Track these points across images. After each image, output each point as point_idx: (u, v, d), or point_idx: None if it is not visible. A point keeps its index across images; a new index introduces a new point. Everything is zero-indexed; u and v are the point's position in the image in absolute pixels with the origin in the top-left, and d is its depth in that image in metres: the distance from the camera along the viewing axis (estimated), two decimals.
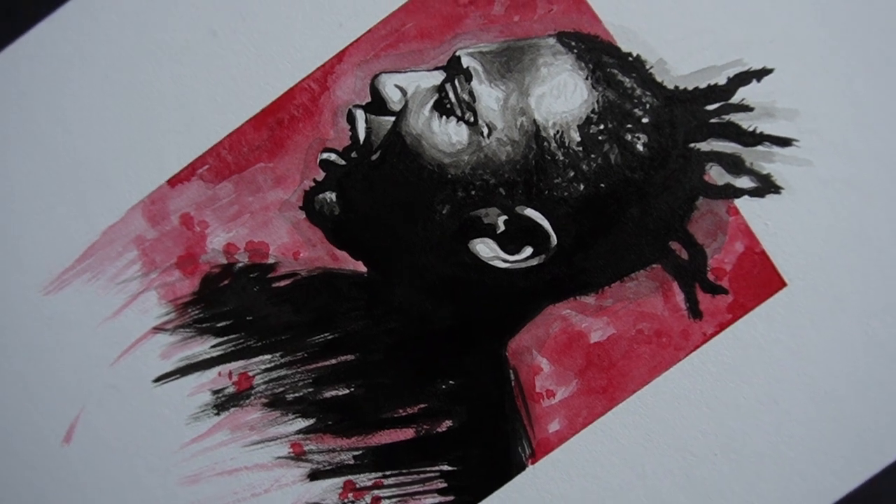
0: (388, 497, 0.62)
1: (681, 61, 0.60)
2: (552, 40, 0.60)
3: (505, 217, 0.59)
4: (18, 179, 0.62)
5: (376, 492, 0.62)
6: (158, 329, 0.62)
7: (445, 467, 0.62)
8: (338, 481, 0.62)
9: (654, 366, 0.61)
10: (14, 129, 0.62)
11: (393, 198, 0.60)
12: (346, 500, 0.62)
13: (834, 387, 0.61)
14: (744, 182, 0.60)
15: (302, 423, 0.62)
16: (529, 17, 0.61)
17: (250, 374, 0.62)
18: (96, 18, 0.61)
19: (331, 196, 0.61)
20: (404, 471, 0.62)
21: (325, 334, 0.62)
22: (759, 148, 0.60)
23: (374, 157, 0.60)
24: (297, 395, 0.62)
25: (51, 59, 0.61)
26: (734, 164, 0.61)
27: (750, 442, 0.61)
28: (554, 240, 0.59)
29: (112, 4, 0.61)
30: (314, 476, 0.62)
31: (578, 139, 0.58)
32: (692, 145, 0.60)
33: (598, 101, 0.58)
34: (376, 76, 0.60)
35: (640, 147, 0.59)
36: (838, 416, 0.61)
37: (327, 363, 0.62)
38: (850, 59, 0.60)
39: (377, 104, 0.60)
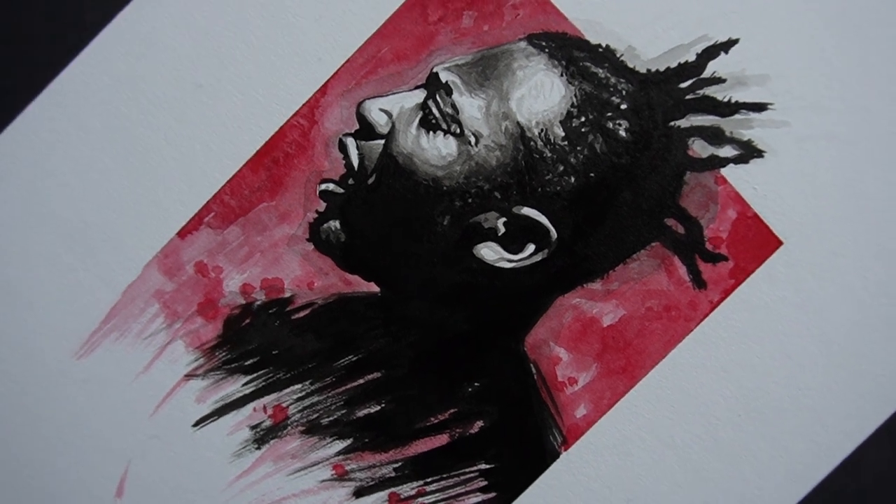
0: (434, 502, 0.64)
1: (649, 45, 0.63)
2: (523, 43, 0.62)
3: (504, 219, 0.61)
4: (34, 253, 0.64)
5: (421, 499, 0.64)
6: (190, 376, 0.65)
7: (483, 466, 0.64)
8: (382, 495, 0.64)
9: (668, 339, 0.63)
10: (23, 204, 0.64)
11: (394, 217, 0.62)
12: None
13: (842, 333, 0.63)
14: (727, 151, 0.63)
15: (340, 445, 0.64)
16: (498, 25, 0.63)
17: (284, 405, 0.65)
18: (88, 88, 0.63)
19: (335, 224, 0.63)
20: (444, 475, 0.64)
21: (350, 356, 0.64)
22: (737, 116, 0.62)
23: (371, 180, 0.62)
24: (331, 418, 0.64)
25: (49, 132, 0.64)
26: (715, 136, 0.63)
27: (770, 398, 0.63)
28: (554, 234, 0.61)
29: (103, 71, 0.63)
30: (359, 493, 0.65)
31: (563, 134, 0.60)
32: (672, 123, 0.62)
33: (575, 95, 0.61)
34: (360, 103, 0.62)
35: (622, 133, 0.61)
36: (850, 361, 0.63)
37: (356, 384, 0.64)
38: (810, 17, 0.62)
39: (365, 130, 0.62)
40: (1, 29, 0.65)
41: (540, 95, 0.60)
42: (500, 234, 0.61)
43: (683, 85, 0.62)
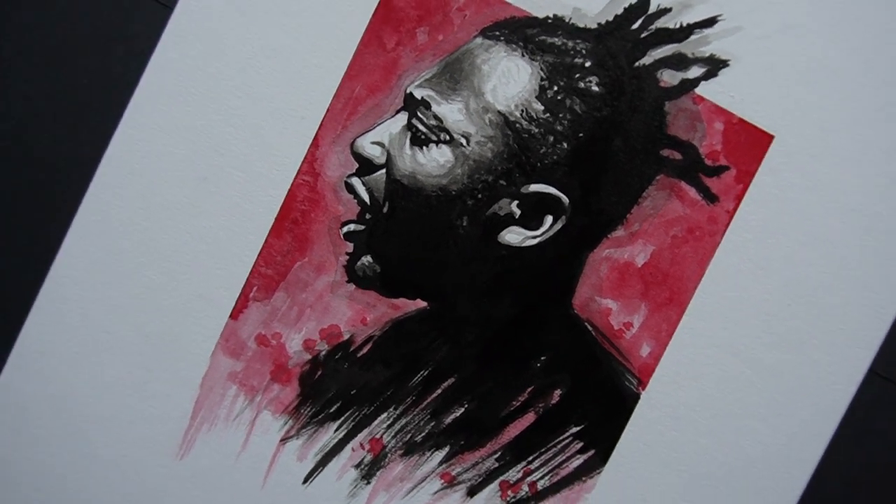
0: (541, 477, 0.68)
1: (592, 1, 0.66)
2: (479, 39, 0.66)
3: (516, 202, 0.65)
4: (110, 379, 0.68)
5: (529, 478, 0.68)
6: (285, 439, 0.69)
7: (574, 429, 0.68)
8: (493, 486, 0.68)
9: (701, 258, 0.67)
10: (87, 338, 0.68)
11: (417, 234, 0.66)
12: (508, 498, 0.68)
13: (857, 199, 0.66)
14: (695, 72, 0.66)
15: (440, 455, 0.68)
16: (451, 31, 0.67)
17: (378, 436, 0.68)
18: (106, 215, 0.68)
19: (367, 259, 0.67)
20: (543, 449, 0.68)
21: (421, 373, 0.68)
22: (693, 37, 0.66)
23: (385, 209, 0.66)
24: (424, 433, 0.68)
25: (86, 264, 0.68)
26: (679, 61, 0.66)
27: (812, 280, 0.66)
28: (565, 200, 0.65)
29: (113, 196, 0.68)
30: (472, 492, 0.68)
31: (542, 108, 0.64)
32: (637, 64, 0.66)
33: (542, 69, 0.64)
34: (352, 143, 0.66)
35: (595, 88, 0.64)
36: (873, 222, 0.66)
37: (435, 395, 0.68)
38: None
39: (365, 166, 0.66)
40: (12, 187, 0.70)
41: (510, 80, 0.64)
42: (517, 217, 0.65)
43: (635, 26, 0.66)
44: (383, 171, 0.66)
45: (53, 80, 0.70)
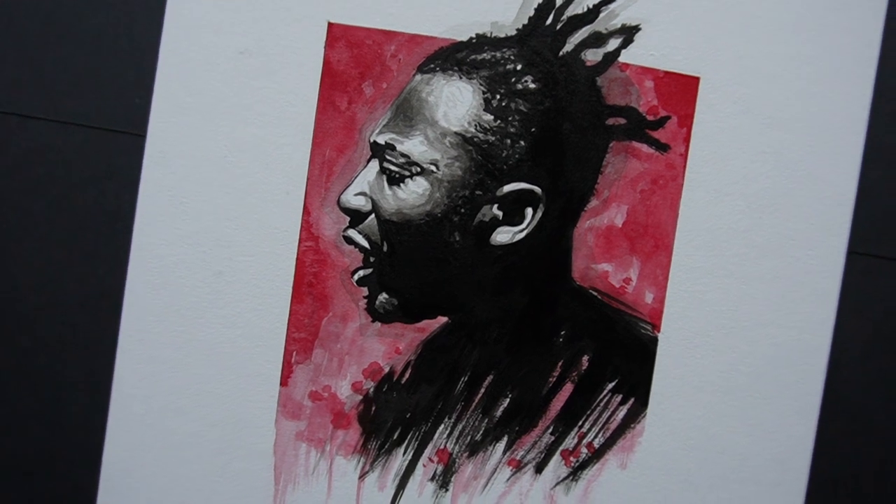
0: (595, 437, 0.75)
1: (505, 13, 0.73)
2: (418, 76, 0.73)
3: (496, 205, 0.72)
4: (189, 472, 0.75)
5: (585, 441, 0.75)
6: (363, 475, 0.75)
7: (610, 385, 0.75)
8: (556, 458, 0.75)
9: (671, 203, 0.73)
10: (163, 440, 0.75)
11: (419, 261, 0.72)
12: (573, 464, 0.75)
13: (790, 107, 0.72)
14: (613, 44, 0.73)
15: (502, 445, 0.75)
16: (392, 77, 0.74)
17: (442, 447, 0.75)
18: (149, 314, 0.74)
19: (383, 297, 0.74)
20: (588, 412, 0.75)
21: (462, 379, 0.75)
22: (601, 15, 0.73)
23: (385, 248, 0.73)
24: (481, 431, 0.75)
25: (141, 369, 0.75)
26: (597, 40, 0.73)
27: (774, 190, 0.72)
28: (538, 189, 0.72)
29: (150, 301, 0.74)
30: (539, 469, 0.75)
31: (492, 117, 0.71)
32: (561, 53, 0.73)
33: (481, 84, 0.71)
34: (338, 201, 0.73)
35: (532, 85, 0.71)
36: (812, 125, 0.73)
37: (480, 395, 0.75)
38: None
39: (355, 216, 0.73)
40: (48, 334, 0.77)
41: (456, 103, 0.71)
42: (501, 218, 0.72)
43: (549, 22, 0.73)
44: (372, 215, 0.73)
45: (57, 229, 0.77)
